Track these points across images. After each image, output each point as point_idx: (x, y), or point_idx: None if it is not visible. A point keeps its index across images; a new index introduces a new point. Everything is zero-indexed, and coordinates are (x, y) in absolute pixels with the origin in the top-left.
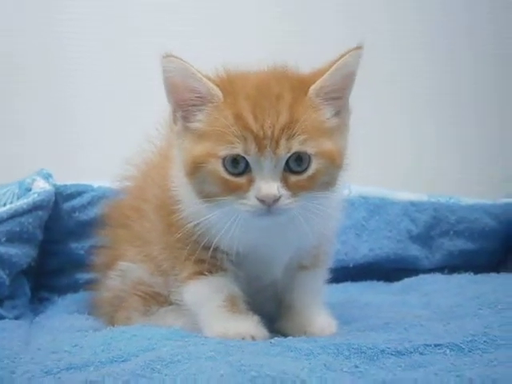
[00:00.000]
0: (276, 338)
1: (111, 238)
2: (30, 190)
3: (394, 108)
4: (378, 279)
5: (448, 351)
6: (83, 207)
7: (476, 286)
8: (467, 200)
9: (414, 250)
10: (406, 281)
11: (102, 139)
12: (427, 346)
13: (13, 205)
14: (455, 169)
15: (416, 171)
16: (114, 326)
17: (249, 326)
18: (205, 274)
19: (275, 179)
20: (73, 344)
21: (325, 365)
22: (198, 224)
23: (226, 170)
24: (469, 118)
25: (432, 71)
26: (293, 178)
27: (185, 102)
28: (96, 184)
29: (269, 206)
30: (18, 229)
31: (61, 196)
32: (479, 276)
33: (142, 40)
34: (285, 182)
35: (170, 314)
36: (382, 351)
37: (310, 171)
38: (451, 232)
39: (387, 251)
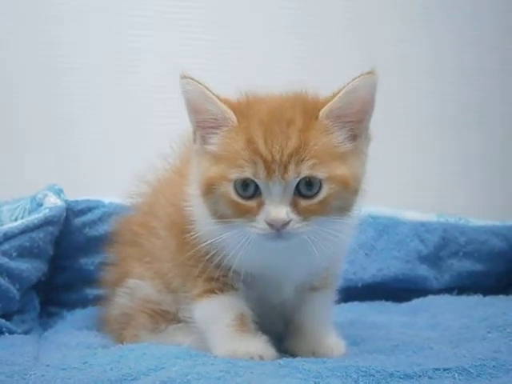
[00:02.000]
0: (284, 359)
1: (119, 255)
2: (41, 205)
3: (402, 127)
4: (387, 299)
5: (457, 375)
6: (94, 223)
7: (485, 309)
8: (476, 221)
9: (423, 271)
10: (415, 301)
11: (114, 155)
12: (436, 370)
13: (24, 220)
14: (463, 189)
15: (424, 191)
16: (122, 343)
17: (257, 345)
18: (215, 293)
19: (285, 203)
20: (82, 361)
21: None
22: (212, 243)
23: (237, 193)
24: (476, 140)
25: (439, 93)
26: (303, 203)
27: (203, 124)
28: (107, 200)
29: (278, 229)
30: (28, 244)
31: (72, 212)
32: (488, 298)
33: (155, 56)
34: (295, 206)
35: (179, 332)
36: (391, 375)
37: (321, 196)
38: (460, 253)
39: (395, 271)
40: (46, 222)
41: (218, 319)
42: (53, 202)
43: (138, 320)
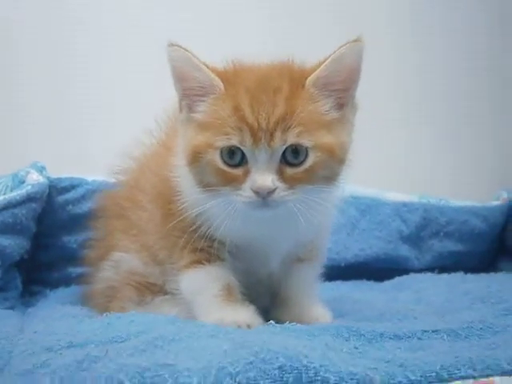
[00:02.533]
0: (272, 322)
1: (105, 229)
2: (23, 182)
3: (386, 108)
4: (369, 279)
5: (445, 336)
6: (77, 201)
7: (467, 284)
8: (457, 202)
9: (405, 251)
10: (397, 279)
11: (97, 131)
12: (425, 331)
13: (6, 196)
14: (446, 171)
15: (407, 172)
16: None
17: (245, 314)
18: (202, 263)
19: (270, 171)
20: (70, 328)
21: (326, 344)
22: (197, 213)
23: (223, 161)
24: (461, 122)
25: (426, 72)
26: (289, 171)
27: (189, 92)
28: (90, 178)
29: (263, 197)
30: (11, 220)
31: (54, 189)
32: (469, 275)
33: (142, 33)
34: (281, 174)
35: (165, 304)
36: (381, 335)
37: (307, 164)
38: (441, 233)
39: (377, 251)
40: (29, 199)
41: (204, 289)
42: (35, 179)
43: (123, 292)
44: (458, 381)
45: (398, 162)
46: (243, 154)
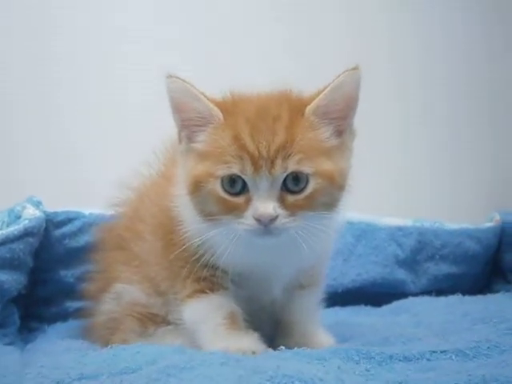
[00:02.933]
0: (283, 347)
1: (105, 261)
2: (19, 217)
3: (381, 133)
4: (366, 304)
5: (454, 356)
6: (74, 234)
7: (465, 306)
8: (450, 224)
9: (401, 274)
10: (395, 303)
11: (94, 164)
12: (433, 352)
13: (3, 231)
14: (443, 194)
15: (403, 196)
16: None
17: (249, 341)
18: (205, 292)
19: (272, 199)
20: (76, 361)
21: (338, 367)
22: (199, 242)
23: (224, 189)
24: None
25: (425, 94)
26: (290, 198)
27: (188, 122)
28: (87, 211)
29: (265, 225)
30: (8, 255)
31: (51, 223)
32: (467, 297)
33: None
34: (282, 201)
35: (168, 334)
36: (390, 357)
37: (308, 191)
38: (436, 256)
39: (374, 276)
40: (26, 234)
41: (208, 318)
42: (32, 214)
43: (126, 324)
44: None
45: (394, 186)
46: (244, 183)
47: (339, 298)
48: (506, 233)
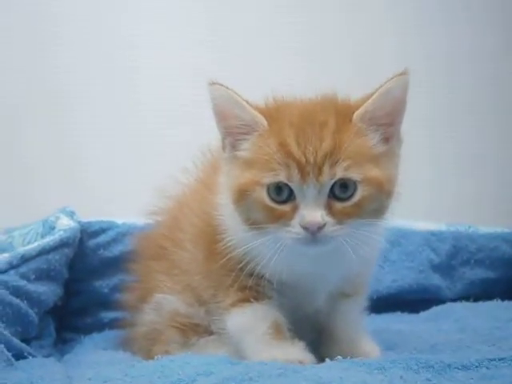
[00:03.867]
0: (339, 357)
1: (144, 271)
2: (53, 228)
3: (408, 136)
4: (402, 311)
5: None
6: (108, 244)
7: (507, 311)
8: (485, 229)
9: (436, 280)
10: (433, 309)
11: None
12: (491, 360)
13: (40, 242)
14: (473, 198)
15: (434, 201)
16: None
17: (296, 351)
18: (250, 301)
19: (319, 206)
20: (123, 374)
21: (401, 377)
22: (244, 251)
23: (271, 197)
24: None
25: (450, 95)
26: (338, 205)
27: (232, 130)
28: (120, 220)
29: (313, 233)
30: (45, 266)
31: (85, 233)
32: (507, 302)
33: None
34: (329, 209)
35: (212, 344)
36: (449, 366)
37: (356, 198)
38: (472, 261)
39: (410, 282)
40: (61, 244)
41: (253, 328)
42: (66, 224)
43: (167, 335)
44: None
45: (422, 191)
46: (291, 190)
47: (374, 304)
48: None
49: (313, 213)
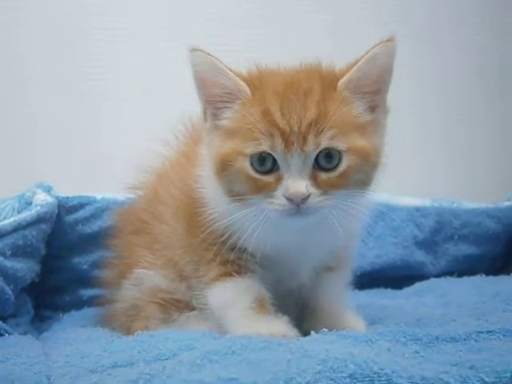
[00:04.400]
0: (325, 330)
1: (124, 247)
2: (30, 203)
3: (396, 114)
4: (386, 286)
5: (502, 337)
6: (86, 220)
7: (492, 285)
8: (469, 204)
9: (420, 256)
10: (417, 285)
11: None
12: (480, 332)
13: (16, 217)
14: (458, 173)
15: (419, 176)
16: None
17: (280, 325)
18: (232, 275)
19: (304, 177)
20: (102, 349)
21: (389, 350)
22: (226, 224)
23: (254, 168)
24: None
25: (440, 77)
26: (323, 176)
27: (214, 99)
28: (99, 195)
29: (297, 204)
30: (21, 242)
31: (63, 209)
32: (491, 277)
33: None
34: (314, 179)
35: (193, 320)
36: (437, 338)
37: (341, 168)
38: (455, 236)
39: (394, 257)
40: (38, 220)
41: (235, 303)
42: (43, 199)
43: (148, 311)
44: None
45: (409, 165)
46: (274, 160)
47: (358, 280)
48: None
49: (297, 183)
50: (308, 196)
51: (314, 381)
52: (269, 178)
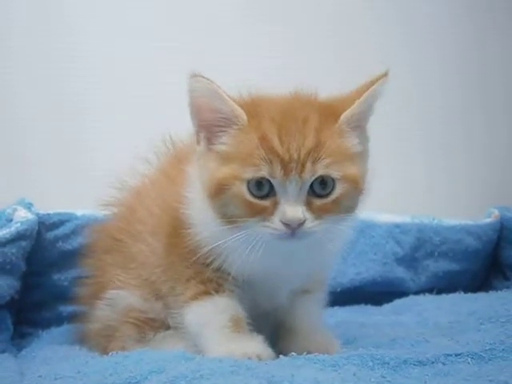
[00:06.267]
0: (293, 354)
1: (97, 265)
2: (10, 220)
3: (376, 130)
4: (366, 303)
5: (469, 360)
6: (66, 236)
7: (469, 303)
8: (449, 221)
9: (400, 273)
10: (396, 302)
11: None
12: (448, 355)
13: None
14: (439, 190)
15: (399, 194)
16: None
17: (255, 345)
18: (210, 294)
19: (300, 203)
20: (76, 371)
21: (354, 374)
22: (212, 247)
23: (251, 192)
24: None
25: (421, 90)
26: (317, 202)
27: (209, 123)
28: (79, 212)
29: (293, 229)
30: (0, 259)
31: (43, 225)
32: (469, 294)
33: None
34: (309, 205)
35: (169, 339)
36: (405, 362)
37: (334, 195)
38: (436, 253)
39: (373, 274)
40: (18, 237)
41: (212, 321)
42: (23, 216)
43: (122, 331)
44: None
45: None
46: (271, 185)
47: (338, 297)
48: (505, 228)
49: (294, 209)
50: (304, 221)
51: None
52: (265, 203)
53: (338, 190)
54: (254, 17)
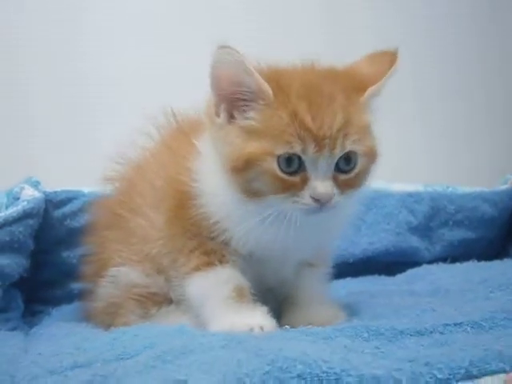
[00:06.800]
0: (288, 326)
1: (99, 242)
2: (18, 198)
3: (392, 99)
4: (379, 273)
5: (469, 329)
6: (74, 214)
7: (482, 272)
8: (464, 188)
9: (414, 242)
10: (410, 272)
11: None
12: (447, 325)
13: (2, 214)
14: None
15: (409, 162)
16: None
17: (257, 316)
18: (213, 265)
19: (328, 178)
20: (75, 347)
21: (345, 346)
22: (219, 221)
23: (281, 168)
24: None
25: (439, 65)
26: (342, 177)
27: (232, 96)
28: (87, 189)
29: (322, 204)
30: (8, 238)
31: (51, 203)
32: (483, 263)
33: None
34: (335, 180)
35: (172, 313)
36: (401, 332)
37: (357, 169)
38: (450, 222)
39: (386, 244)
40: (25, 215)
41: (215, 292)
42: (30, 195)
43: (126, 308)
44: (488, 376)
45: (399, 152)
46: (300, 161)
47: (351, 268)
48: None
49: (324, 184)
50: (333, 196)
51: (262, 381)
52: (295, 179)
53: (360, 164)
54: None
